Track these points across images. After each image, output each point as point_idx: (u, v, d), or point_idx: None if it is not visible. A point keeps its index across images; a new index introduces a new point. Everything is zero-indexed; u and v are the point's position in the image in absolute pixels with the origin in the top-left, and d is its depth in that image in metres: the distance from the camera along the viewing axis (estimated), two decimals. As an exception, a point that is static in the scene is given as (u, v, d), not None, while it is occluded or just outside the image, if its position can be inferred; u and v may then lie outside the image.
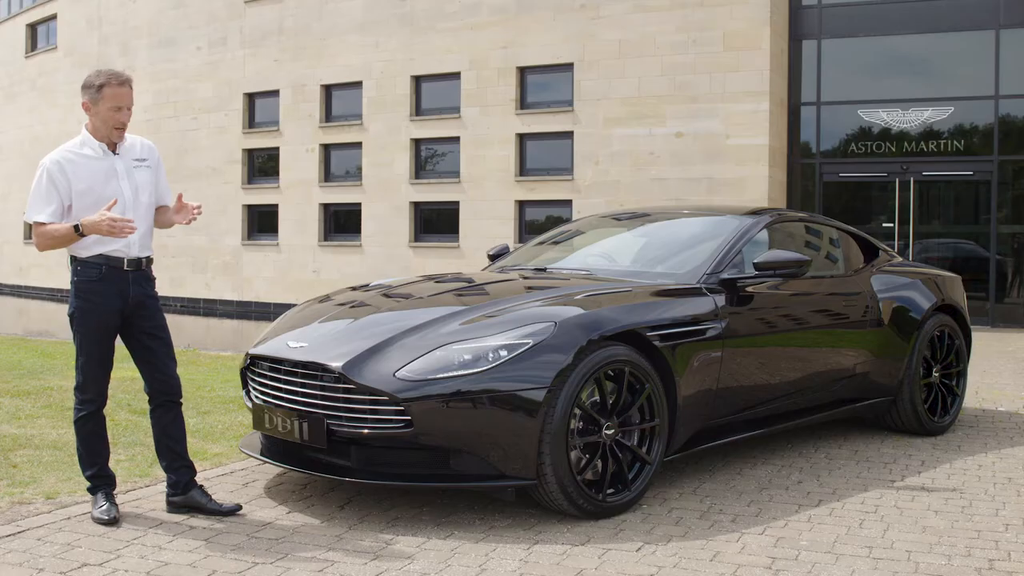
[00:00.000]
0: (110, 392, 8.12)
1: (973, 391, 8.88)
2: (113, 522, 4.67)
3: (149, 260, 4.89)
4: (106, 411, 7.43)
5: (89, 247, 4.72)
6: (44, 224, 4.68)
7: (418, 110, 21.75)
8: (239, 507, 4.92)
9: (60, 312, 26.72)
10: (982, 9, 17.62)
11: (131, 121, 4.78)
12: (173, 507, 4.90)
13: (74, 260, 4.78)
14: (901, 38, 18.20)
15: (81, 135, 4.81)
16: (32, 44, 31.78)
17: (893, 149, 18.17)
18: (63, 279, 29.09)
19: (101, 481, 4.87)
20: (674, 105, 18.69)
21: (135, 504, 5.00)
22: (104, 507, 4.74)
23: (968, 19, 17.72)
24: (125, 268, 4.77)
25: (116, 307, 4.76)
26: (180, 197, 4.97)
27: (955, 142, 17.82)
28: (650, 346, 5.11)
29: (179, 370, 5.00)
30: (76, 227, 4.58)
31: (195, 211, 4.92)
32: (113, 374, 4.91)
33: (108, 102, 4.70)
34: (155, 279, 4.94)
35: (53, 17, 30.26)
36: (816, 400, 6.36)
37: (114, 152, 4.81)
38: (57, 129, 28.52)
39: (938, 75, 18.30)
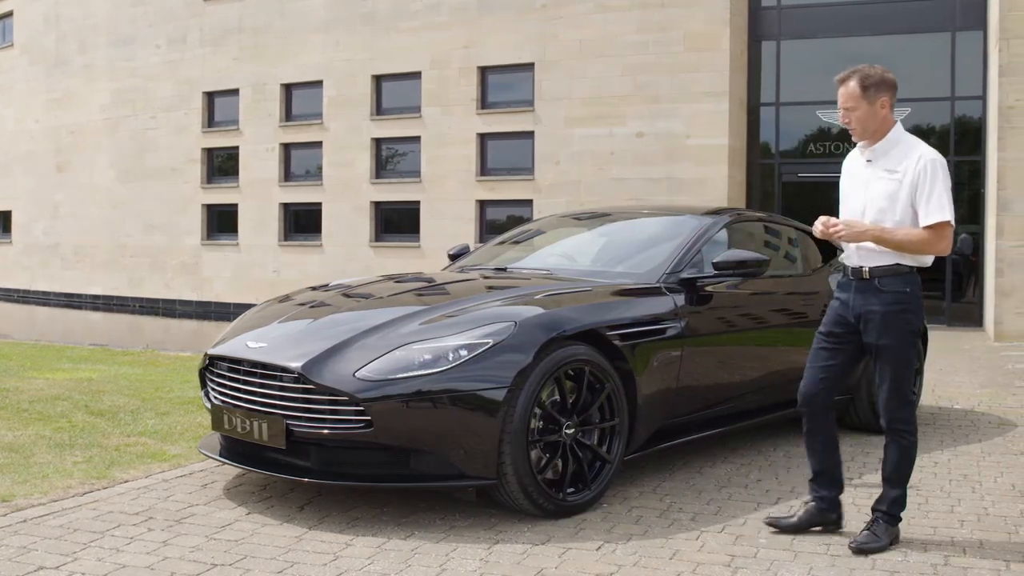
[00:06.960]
0: (66, 393, 8.09)
1: (929, 389, 8.98)
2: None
3: (877, 271, 4.43)
4: (61, 412, 7.44)
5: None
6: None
7: (379, 109, 21.69)
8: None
9: (15, 312, 26.39)
10: (938, 12, 17.82)
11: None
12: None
13: None
14: (859, 39, 18.35)
15: None
16: (-13, 41, 31.40)
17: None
18: (18, 279, 28.80)
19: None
20: (635, 105, 18.76)
21: (92, 507, 4.95)
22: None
23: (925, 21, 17.92)
24: (850, 276, 4.52)
25: (842, 316, 4.52)
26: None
27: (912, 143, 17.99)
28: (610, 345, 5.13)
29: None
30: None
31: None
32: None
33: None
34: (898, 292, 4.41)
35: (9, 14, 29.85)
36: (775, 398, 6.39)
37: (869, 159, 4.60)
38: (13, 127, 27.89)
39: (895, 76, 18.45)
